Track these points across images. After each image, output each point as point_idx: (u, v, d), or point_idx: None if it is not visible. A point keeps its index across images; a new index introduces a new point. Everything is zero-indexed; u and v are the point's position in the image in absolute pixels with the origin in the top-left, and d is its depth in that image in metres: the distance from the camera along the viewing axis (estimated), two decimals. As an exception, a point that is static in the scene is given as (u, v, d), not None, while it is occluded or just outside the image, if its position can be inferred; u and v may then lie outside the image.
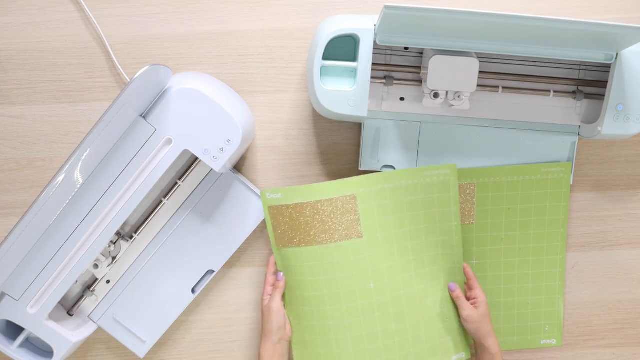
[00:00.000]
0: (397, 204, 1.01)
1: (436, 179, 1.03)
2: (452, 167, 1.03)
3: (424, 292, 1.03)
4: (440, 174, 1.03)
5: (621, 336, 1.17)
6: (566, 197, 1.10)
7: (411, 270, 1.03)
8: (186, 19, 1.06)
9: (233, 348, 1.14)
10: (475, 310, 1.02)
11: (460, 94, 1.00)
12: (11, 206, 1.09)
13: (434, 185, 1.03)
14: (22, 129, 1.08)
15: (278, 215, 1.02)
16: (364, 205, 1.00)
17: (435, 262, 1.04)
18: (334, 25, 0.97)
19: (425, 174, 1.02)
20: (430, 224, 1.03)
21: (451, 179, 1.03)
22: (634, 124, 1.01)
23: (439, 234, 1.04)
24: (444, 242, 1.04)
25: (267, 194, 1.01)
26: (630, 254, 1.16)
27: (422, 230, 1.03)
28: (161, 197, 1.07)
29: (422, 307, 1.03)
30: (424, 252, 1.03)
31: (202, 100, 0.94)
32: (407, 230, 1.02)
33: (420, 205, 1.02)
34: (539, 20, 0.86)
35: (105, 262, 1.06)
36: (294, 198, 1.00)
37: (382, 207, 1.01)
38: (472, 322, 1.01)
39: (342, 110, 0.98)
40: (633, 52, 0.98)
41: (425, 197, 1.03)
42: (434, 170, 1.02)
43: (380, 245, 1.01)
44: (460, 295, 1.03)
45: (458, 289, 1.03)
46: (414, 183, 1.02)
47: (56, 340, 1.03)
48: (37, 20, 1.05)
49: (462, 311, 1.02)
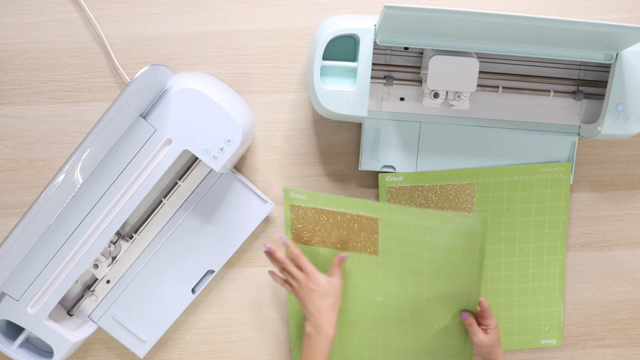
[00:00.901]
0: (419, 241, 0.97)
1: (464, 227, 0.95)
2: (483, 219, 0.94)
3: (432, 318, 1.01)
4: (470, 223, 0.95)
5: (621, 336, 1.17)
6: (566, 197, 1.10)
7: (422, 300, 1.00)
8: (186, 19, 1.06)
9: (233, 348, 1.14)
10: (487, 335, 0.99)
11: (460, 94, 1.00)
12: (11, 206, 1.09)
13: (460, 233, 0.95)
14: (22, 129, 1.08)
15: (298, 214, 1.02)
16: (384, 231, 0.98)
17: (449, 300, 1.00)
18: (334, 25, 0.97)
19: (454, 220, 0.96)
20: (451, 267, 0.98)
21: (479, 230, 0.94)
22: (634, 124, 1.01)
23: (458, 276, 0.98)
24: (463, 283, 0.98)
25: (291, 192, 1.01)
26: (630, 254, 1.16)
27: (441, 272, 0.98)
28: (161, 197, 1.07)
29: (427, 327, 1.02)
30: (440, 289, 0.99)
31: (202, 100, 0.94)
32: (426, 268, 0.98)
33: (442, 249, 0.97)
34: (539, 20, 0.86)
35: (105, 262, 1.06)
36: (317, 203, 1.00)
37: (402, 238, 0.97)
38: (484, 347, 0.99)
39: (342, 110, 0.98)
40: (633, 52, 0.98)
41: (449, 243, 0.96)
42: (463, 219, 0.96)
43: (394, 270, 1.00)
44: (473, 323, 0.99)
45: (470, 316, 0.99)
46: (439, 226, 0.96)
47: (56, 340, 1.03)
48: (37, 20, 1.05)
49: (474, 337, 0.99)
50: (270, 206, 1.07)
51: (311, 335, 0.96)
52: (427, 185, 1.07)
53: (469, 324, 0.99)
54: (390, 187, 1.07)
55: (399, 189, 1.07)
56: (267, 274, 1.13)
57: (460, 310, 1.00)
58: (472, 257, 0.96)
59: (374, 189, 1.11)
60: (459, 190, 1.08)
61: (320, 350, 0.95)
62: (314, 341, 0.95)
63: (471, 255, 0.96)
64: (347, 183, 1.11)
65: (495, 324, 1.00)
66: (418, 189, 1.08)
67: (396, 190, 1.08)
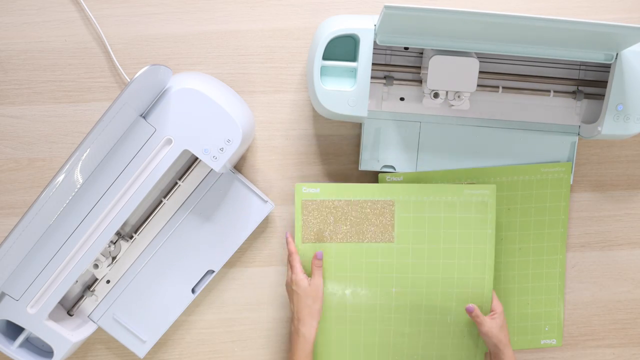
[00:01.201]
0: (435, 218, 1.03)
1: (475, 198, 1.02)
2: (491, 187, 1.03)
3: (447, 309, 1.04)
4: (480, 194, 1.03)
5: (621, 336, 1.17)
6: (566, 197, 1.10)
7: (438, 286, 1.03)
8: (186, 19, 1.06)
9: (233, 348, 1.14)
10: (494, 321, 1.00)
11: (460, 94, 1.00)
12: (11, 206, 1.09)
13: (472, 205, 1.03)
14: (22, 129, 1.08)
15: (310, 210, 1.03)
16: (400, 214, 1.02)
17: (464, 285, 1.03)
18: (334, 25, 0.97)
19: (465, 192, 1.02)
20: (465, 244, 1.03)
21: (489, 201, 1.03)
22: (634, 124, 1.01)
23: (472, 256, 1.03)
24: (476, 265, 1.03)
25: (303, 187, 1.02)
26: (630, 254, 1.16)
27: (456, 250, 1.03)
28: (161, 197, 1.07)
29: (440, 321, 1.04)
30: (455, 272, 1.03)
31: (202, 100, 0.94)
32: (441, 248, 1.03)
33: (456, 224, 1.03)
34: (539, 20, 0.86)
35: (105, 262, 1.06)
36: (331, 194, 1.02)
37: (418, 219, 1.03)
38: (493, 335, 1.00)
39: (342, 110, 0.98)
40: (633, 52, 0.98)
41: (463, 216, 1.03)
42: (473, 189, 1.03)
43: (410, 255, 1.03)
44: (479, 314, 1.01)
45: (476, 308, 1.01)
46: (453, 200, 1.02)
47: (56, 340, 1.03)
48: (37, 20, 1.05)
49: (481, 327, 1.00)
50: (270, 206, 1.07)
51: (292, 334, 1.00)
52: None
53: (475, 316, 1.01)
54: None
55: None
56: (267, 274, 1.13)
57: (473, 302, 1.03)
58: (484, 232, 1.03)
59: (374, 189, 1.11)
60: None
61: (300, 350, 0.98)
62: (294, 340, 0.99)
63: (483, 230, 1.03)
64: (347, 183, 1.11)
65: (501, 309, 1.02)
66: None
67: None
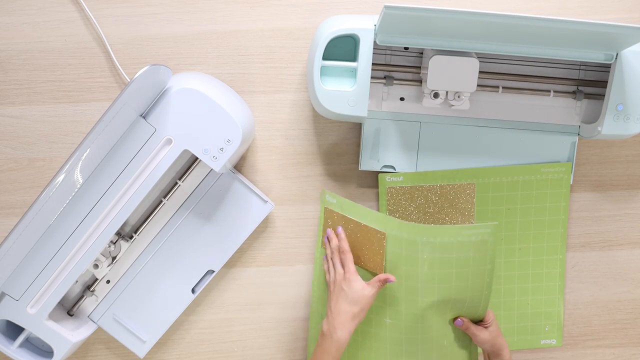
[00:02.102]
0: (429, 259, 0.94)
1: (474, 238, 0.93)
2: (493, 227, 0.93)
3: (442, 335, 1.00)
4: (480, 233, 0.93)
5: (621, 336, 1.17)
6: (566, 197, 1.10)
7: (432, 320, 0.98)
8: (186, 19, 1.06)
9: (233, 348, 1.14)
10: (487, 331, 0.99)
11: (460, 94, 1.00)
12: (11, 206, 1.09)
13: (470, 245, 0.93)
14: (22, 129, 1.08)
15: (329, 217, 1.02)
16: (392, 248, 0.96)
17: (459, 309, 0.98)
18: (334, 25, 0.97)
19: (464, 233, 0.93)
20: (462, 282, 0.95)
21: (490, 239, 0.93)
22: (634, 124, 1.01)
23: (469, 291, 0.96)
24: (473, 297, 0.97)
25: (327, 195, 1.02)
26: (630, 254, 1.16)
27: (452, 288, 0.95)
28: (161, 197, 1.07)
29: (437, 346, 1.00)
30: (448, 308, 0.98)
31: (202, 100, 0.94)
32: (436, 287, 0.95)
33: (453, 264, 0.94)
34: (539, 20, 0.86)
35: (105, 262, 1.06)
36: (343, 209, 1.00)
37: (410, 258, 0.95)
38: (488, 342, 0.99)
39: (342, 110, 0.98)
40: (633, 52, 0.98)
41: (460, 256, 0.94)
42: (473, 229, 0.93)
43: (402, 291, 0.97)
44: (470, 325, 0.98)
45: (465, 321, 0.98)
46: (450, 241, 0.93)
47: (56, 340, 1.03)
48: (37, 20, 1.05)
49: (476, 338, 0.98)
50: (270, 206, 1.07)
51: (325, 335, 0.93)
52: (427, 186, 1.07)
53: (466, 328, 0.98)
54: (390, 187, 1.07)
55: (399, 189, 1.07)
56: (267, 274, 1.13)
57: None
58: (483, 268, 0.94)
59: (374, 189, 1.11)
60: (459, 190, 1.08)
61: (328, 352, 0.92)
62: (325, 342, 0.93)
63: (482, 267, 0.94)
64: (347, 183, 1.11)
65: (492, 316, 0.99)
66: (418, 189, 1.08)
67: (396, 190, 1.08)
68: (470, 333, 0.99)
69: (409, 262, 0.95)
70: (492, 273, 0.95)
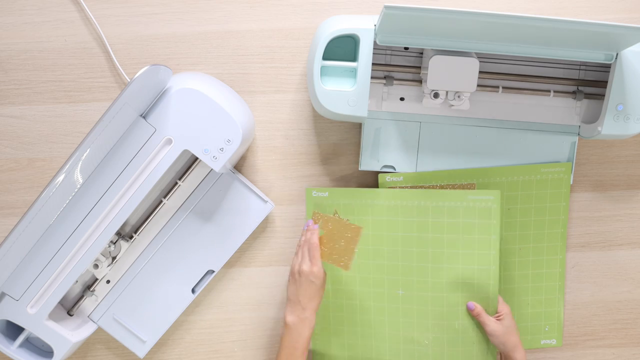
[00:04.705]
0: (438, 223, 1.02)
1: (478, 204, 1.01)
2: (495, 193, 1.01)
3: (453, 314, 1.03)
4: (483, 199, 1.01)
5: (621, 336, 1.17)
6: (566, 197, 1.10)
7: (443, 291, 1.03)
8: (186, 19, 1.06)
9: (233, 348, 1.14)
10: (499, 323, 1.00)
11: (460, 94, 1.00)
12: (11, 206, 1.09)
13: (475, 210, 1.01)
14: (22, 129, 1.08)
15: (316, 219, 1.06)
16: (404, 218, 1.03)
17: (469, 289, 1.02)
18: (334, 25, 0.97)
19: (469, 198, 1.01)
20: (469, 249, 1.02)
21: (493, 206, 1.01)
22: (634, 124, 1.01)
23: (476, 261, 1.02)
24: (481, 270, 1.02)
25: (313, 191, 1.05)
26: (630, 254, 1.16)
27: (460, 255, 1.02)
28: (161, 197, 1.07)
29: (448, 326, 1.03)
30: (459, 277, 1.02)
31: (202, 100, 0.95)
32: (445, 252, 1.02)
33: (460, 230, 1.02)
34: (539, 20, 0.86)
35: (105, 262, 1.06)
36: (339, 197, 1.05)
37: (422, 223, 1.02)
38: (498, 336, 1.00)
39: (342, 110, 0.98)
40: (633, 52, 0.98)
41: (466, 222, 1.02)
42: (477, 194, 1.01)
43: (414, 259, 1.03)
44: (481, 312, 1.01)
45: (477, 306, 1.01)
46: (456, 205, 1.01)
47: (56, 340, 1.03)
48: (37, 20, 1.05)
49: (486, 327, 1.00)
50: (270, 206, 1.07)
51: (294, 324, 0.97)
52: (427, 186, 1.07)
53: (477, 314, 1.01)
54: (391, 188, 1.07)
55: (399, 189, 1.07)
56: (267, 274, 1.13)
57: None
58: (487, 238, 1.01)
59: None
60: (459, 190, 1.08)
61: (302, 337, 0.97)
62: (296, 330, 0.97)
63: (487, 236, 1.01)
64: (347, 183, 1.11)
65: (508, 311, 1.01)
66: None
67: None
68: (481, 321, 1.00)
69: (420, 227, 1.02)
70: (497, 247, 1.01)
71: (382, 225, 1.04)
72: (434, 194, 1.02)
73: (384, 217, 1.04)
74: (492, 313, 1.03)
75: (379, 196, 1.04)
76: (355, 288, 1.05)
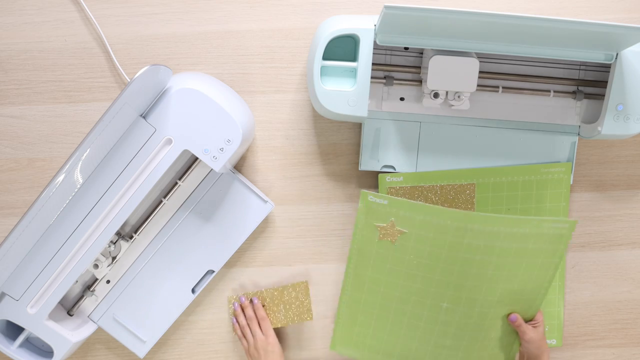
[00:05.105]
0: (506, 249, 0.96)
1: (552, 231, 0.95)
2: (572, 223, 0.95)
3: (493, 326, 1.02)
4: (559, 227, 0.95)
5: (621, 336, 1.17)
6: (566, 198, 1.10)
7: (491, 307, 1.00)
8: (186, 19, 1.06)
9: (233, 348, 1.14)
10: (535, 331, 1.01)
11: (460, 94, 1.00)
12: (11, 206, 1.09)
13: (548, 237, 0.96)
14: (22, 129, 1.08)
15: None
16: (470, 241, 0.96)
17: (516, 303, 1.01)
18: (334, 25, 0.97)
19: (545, 225, 0.95)
20: (529, 272, 0.98)
21: (566, 234, 0.95)
22: (634, 124, 1.01)
23: (534, 280, 0.99)
24: (532, 290, 1.00)
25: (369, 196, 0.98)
26: (630, 254, 1.16)
27: (519, 276, 0.98)
28: (161, 197, 1.07)
29: (483, 337, 1.03)
30: (511, 295, 0.99)
31: (202, 100, 0.94)
32: (504, 275, 0.97)
33: (527, 254, 0.96)
34: (539, 20, 0.86)
35: (105, 262, 1.06)
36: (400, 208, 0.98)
37: (489, 248, 0.96)
38: (534, 342, 1.01)
39: (342, 110, 0.98)
40: (633, 52, 0.98)
41: (535, 247, 0.96)
42: (555, 223, 0.95)
43: (469, 279, 0.98)
44: (522, 323, 1.01)
45: (519, 318, 1.01)
46: (531, 232, 0.95)
47: (56, 340, 1.03)
48: (37, 20, 1.05)
49: (524, 335, 1.01)
50: (270, 206, 1.07)
51: None
52: (427, 186, 1.08)
53: (518, 325, 1.01)
54: (391, 187, 1.07)
55: (399, 189, 1.07)
56: (267, 274, 1.13)
57: None
58: (551, 261, 0.98)
59: (374, 189, 1.11)
60: (459, 190, 1.08)
61: None
62: None
63: (551, 259, 0.98)
64: (347, 183, 1.11)
65: (541, 318, 1.03)
66: (418, 189, 1.08)
67: (396, 191, 1.08)
68: (521, 331, 1.01)
69: (486, 251, 0.96)
70: (557, 268, 0.98)
71: (444, 245, 0.97)
72: (508, 221, 0.94)
73: (448, 237, 0.96)
74: (529, 320, 1.03)
75: (447, 216, 0.95)
76: (395, 292, 1.01)
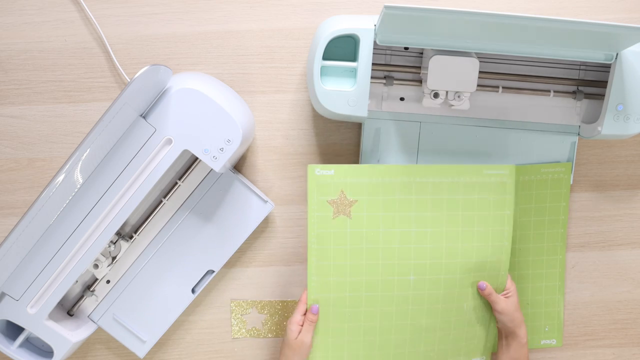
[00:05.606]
0: (453, 200, 1.00)
1: (493, 179, 1.00)
2: (510, 168, 1.01)
3: (463, 295, 1.02)
4: (498, 174, 1.00)
5: (621, 336, 1.17)
6: (566, 198, 1.10)
7: (456, 272, 1.01)
8: (186, 19, 1.06)
9: (233, 348, 1.14)
10: (508, 301, 1.01)
11: (460, 94, 1.00)
12: (11, 206, 1.09)
13: (490, 186, 1.00)
14: (22, 129, 1.08)
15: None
16: (417, 196, 0.99)
17: (481, 268, 1.02)
18: (334, 25, 0.97)
19: (484, 172, 1.00)
20: (483, 227, 1.01)
21: (508, 181, 1.01)
22: (634, 124, 1.01)
23: (490, 238, 1.01)
24: (494, 248, 1.02)
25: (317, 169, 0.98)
26: (630, 254, 1.16)
27: (474, 233, 1.01)
28: (161, 197, 1.07)
29: (457, 309, 1.03)
30: (473, 256, 1.01)
31: (202, 100, 0.94)
32: (460, 231, 1.00)
33: (475, 206, 1.00)
34: (539, 20, 0.86)
35: (105, 262, 1.06)
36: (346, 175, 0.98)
37: (437, 201, 0.99)
38: (508, 314, 1.01)
39: (342, 110, 0.98)
40: (633, 52, 0.98)
41: (481, 198, 1.00)
42: (492, 169, 1.00)
43: (427, 241, 1.00)
44: (492, 292, 1.01)
45: (488, 286, 1.01)
46: (472, 181, 1.00)
47: (56, 340, 1.03)
48: (37, 20, 1.05)
49: (495, 306, 1.01)
50: (270, 206, 1.07)
51: None
52: None
53: (488, 294, 1.01)
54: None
55: None
56: (267, 274, 1.13)
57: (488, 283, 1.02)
58: (502, 214, 1.01)
59: (374, 189, 1.11)
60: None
61: None
62: None
63: (501, 212, 1.01)
64: (347, 183, 1.11)
65: (514, 288, 1.03)
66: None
67: None
68: (491, 300, 1.01)
69: (435, 206, 0.99)
70: (511, 222, 1.01)
71: (394, 205, 0.99)
72: (449, 170, 0.99)
73: (397, 195, 0.99)
74: (500, 291, 1.03)
75: (391, 173, 0.99)
76: (362, 278, 1.01)
